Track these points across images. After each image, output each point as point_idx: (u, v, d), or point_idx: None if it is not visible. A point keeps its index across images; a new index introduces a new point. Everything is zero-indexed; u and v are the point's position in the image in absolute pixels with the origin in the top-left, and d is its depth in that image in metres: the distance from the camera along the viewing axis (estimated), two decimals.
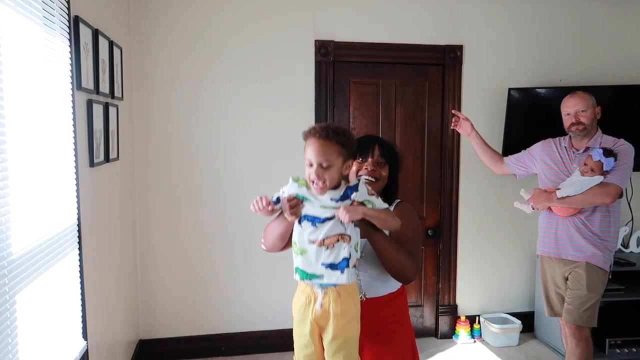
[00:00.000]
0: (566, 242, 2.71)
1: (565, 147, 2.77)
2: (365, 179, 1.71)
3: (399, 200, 1.83)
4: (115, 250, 2.77)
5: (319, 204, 1.54)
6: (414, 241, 1.72)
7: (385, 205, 1.60)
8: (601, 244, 2.64)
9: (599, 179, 2.54)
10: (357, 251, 1.58)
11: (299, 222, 1.57)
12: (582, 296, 2.65)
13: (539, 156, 2.86)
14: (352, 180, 1.61)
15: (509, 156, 3.04)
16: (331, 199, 1.53)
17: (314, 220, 1.54)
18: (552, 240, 2.77)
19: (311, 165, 1.52)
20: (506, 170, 3.04)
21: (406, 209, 1.79)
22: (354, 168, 1.75)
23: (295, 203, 1.54)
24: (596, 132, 2.71)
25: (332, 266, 1.53)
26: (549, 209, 2.75)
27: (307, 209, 1.55)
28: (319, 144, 1.51)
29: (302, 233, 1.56)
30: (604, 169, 2.54)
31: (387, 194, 1.81)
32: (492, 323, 3.64)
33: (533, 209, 2.80)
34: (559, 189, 2.66)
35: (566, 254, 2.72)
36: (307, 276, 1.56)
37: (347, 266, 1.52)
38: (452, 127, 3.06)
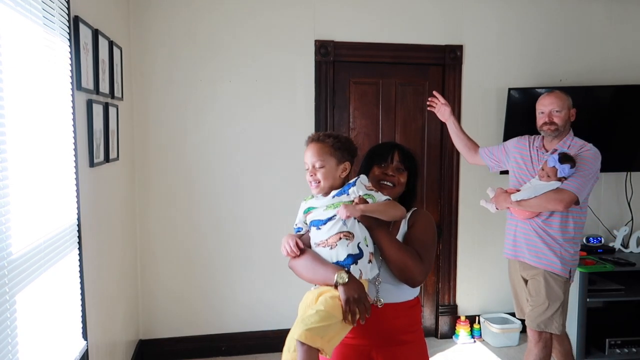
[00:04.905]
0: (523, 244, 2.66)
1: (537, 147, 2.69)
2: (384, 184, 1.73)
3: (415, 208, 1.79)
4: (115, 250, 2.77)
5: (323, 206, 1.63)
6: (426, 244, 1.68)
7: (386, 198, 1.64)
8: (559, 249, 2.56)
9: (555, 184, 2.46)
10: (367, 245, 1.60)
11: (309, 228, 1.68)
12: (542, 304, 2.60)
13: (511, 153, 2.79)
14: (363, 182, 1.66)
15: (484, 147, 2.95)
16: (332, 197, 1.63)
17: (318, 224, 1.63)
18: (511, 242, 2.74)
19: (308, 168, 1.66)
20: (479, 161, 2.97)
21: (422, 214, 1.77)
22: (376, 173, 1.75)
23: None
24: (568, 134, 2.63)
25: (338, 264, 1.57)
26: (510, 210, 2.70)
27: (313, 216, 1.65)
28: (311, 147, 1.67)
29: (312, 239, 1.66)
30: (558, 175, 2.46)
31: (404, 201, 1.78)
32: (492, 323, 3.64)
33: (497, 208, 2.74)
34: (519, 190, 2.61)
35: (523, 257, 2.67)
36: None
37: (353, 263, 1.55)
38: (428, 108, 2.99)
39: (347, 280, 1.51)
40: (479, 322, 3.74)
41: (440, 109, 2.96)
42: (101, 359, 2.41)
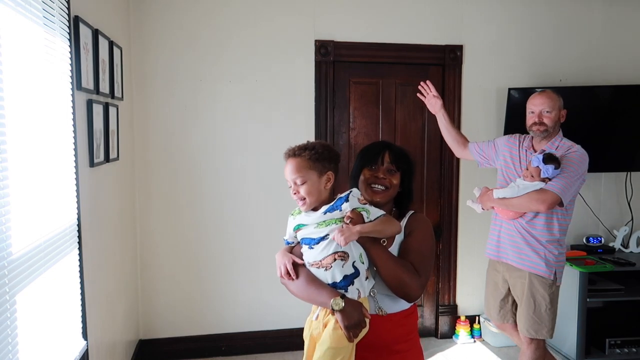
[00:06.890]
0: (507, 245, 2.63)
1: (525, 147, 2.66)
2: (375, 188, 1.65)
3: (412, 211, 1.71)
4: (115, 250, 2.77)
5: (314, 223, 1.55)
6: (423, 255, 1.60)
7: (381, 213, 1.57)
8: (543, 250, 2.53)
9: (538, 185, 2.44)
10: (363, 263, 1.54)
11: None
12: (529, 307, 2.57)
13: (501, 151, 2.76)
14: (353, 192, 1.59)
15: (474, 142, 2.91)
16: (324, 213, 1.55)
17: (310, 243, 1.56)
18: (494, 243, 2.71)
19: (290, 185, 1.59)
20: (468, 155, 2.93)
21: (420, 220, 1.68)
22: (366, 176, 1.67)
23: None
24: (557, 134, 2.60)
25: (335, 285, 1.52)
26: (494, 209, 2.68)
27: (303, 233, 1.58)
28: (289, 163, 1.58)
29: (304, 258, 1.59)
30: (542, 175, 2.43)
31: (400, 203, 1.71)
32: (492, 323, 3.63)
33: (483, 208, 2.71)
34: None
35: (507, 258, 2.64)
36: None
37: (351, 283, 1.51)
38: (417, 94, 2.96)
39: (343, 306, 1.47)
40: (479, 322, 3.74)
41: (431, 100, 2.92)
42: (101, 359, 2.41)
